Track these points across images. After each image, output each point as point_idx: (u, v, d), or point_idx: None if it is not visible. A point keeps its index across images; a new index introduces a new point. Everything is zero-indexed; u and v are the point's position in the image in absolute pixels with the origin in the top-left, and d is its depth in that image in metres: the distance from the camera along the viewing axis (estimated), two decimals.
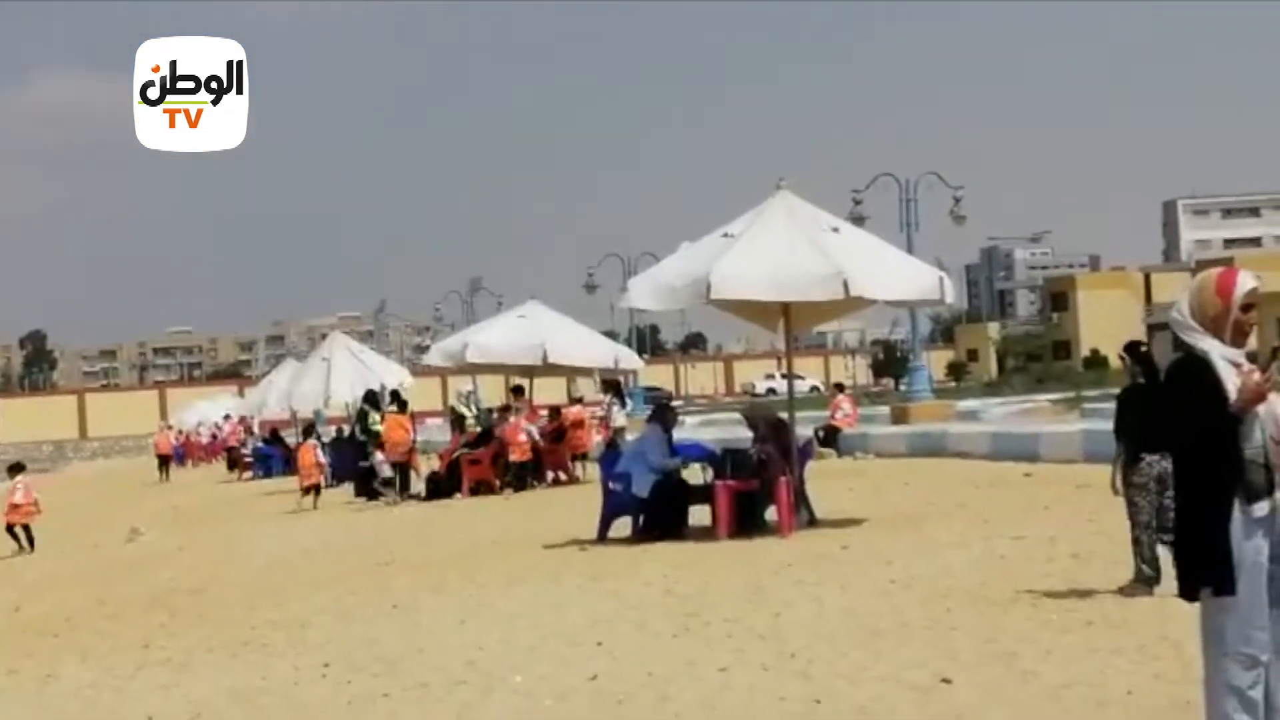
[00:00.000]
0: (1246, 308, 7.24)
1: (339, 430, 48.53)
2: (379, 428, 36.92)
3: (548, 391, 41.83)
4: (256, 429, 62.97)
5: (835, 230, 21.92)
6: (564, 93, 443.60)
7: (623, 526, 21.57)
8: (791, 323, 23.21)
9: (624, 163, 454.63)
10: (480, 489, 33.17)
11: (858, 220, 47.01)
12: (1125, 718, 9.25)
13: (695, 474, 22.39)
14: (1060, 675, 10.57)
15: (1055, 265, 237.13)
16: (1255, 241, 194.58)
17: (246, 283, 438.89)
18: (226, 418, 74.29)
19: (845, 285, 20.34)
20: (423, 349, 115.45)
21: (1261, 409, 7.12)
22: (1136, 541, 13.81)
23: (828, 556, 17.90)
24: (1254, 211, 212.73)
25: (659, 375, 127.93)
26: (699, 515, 21.43)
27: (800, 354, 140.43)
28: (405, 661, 13.17)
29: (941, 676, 10.77)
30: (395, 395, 38.70)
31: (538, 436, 34.12)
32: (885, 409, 50.42)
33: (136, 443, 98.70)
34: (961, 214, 58.59)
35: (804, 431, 27.71)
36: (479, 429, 37.16)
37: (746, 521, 20.71)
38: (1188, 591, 7.22)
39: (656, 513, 21.30)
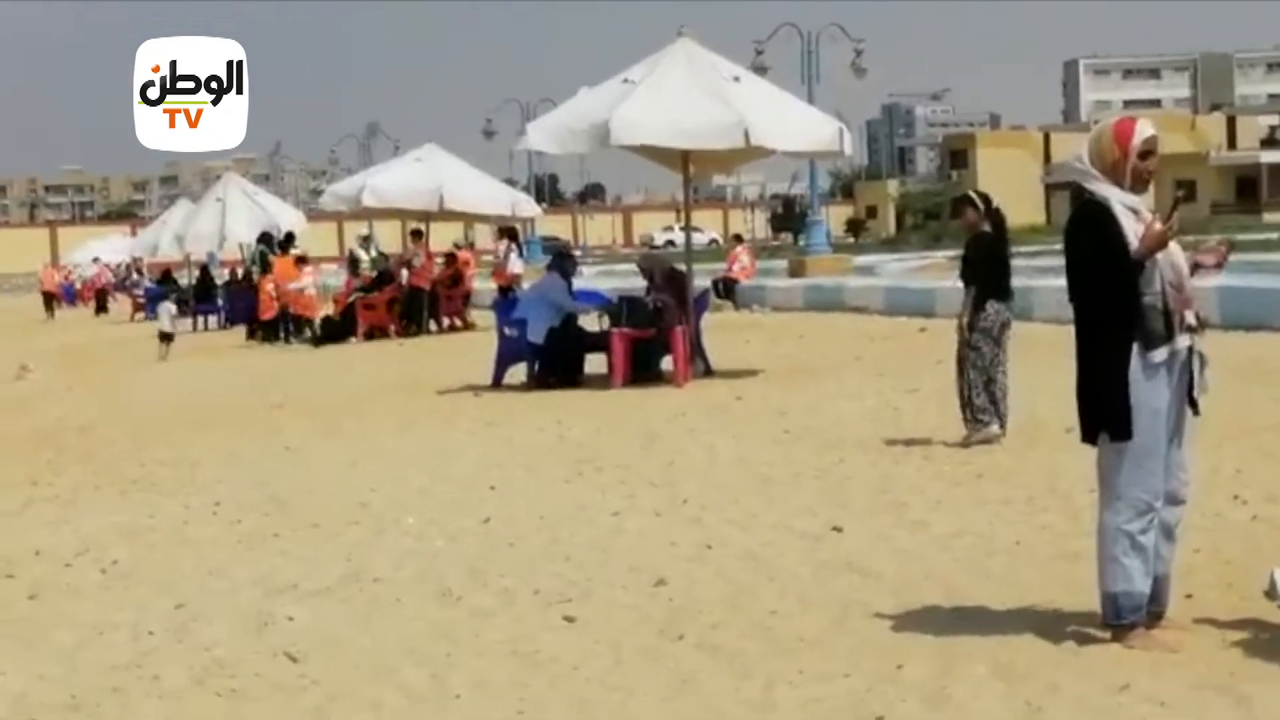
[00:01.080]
0: (1145, 155, 7.25)
1: (233, 272, 48.16)
2: None
3: (447, 236, 41.53)
4: (145, 270, 62.42)
5: (736, 79, 21.81)
6: None
7: (517, 373, 21.53)
8: (691, 171, 23.13)
9: (522, 8, 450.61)
10: (375, 334, 33.09)
11: (759, 70, 46.63)
12: (1012, 566, 9.31)
13: (591, 322, 22.36)
14: (949, 525, 10.63)
15: (955, 124, 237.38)
16: (1155, 103, 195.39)
17: None
18: (95, 260, 73.65)
19: (746, 134, 20.28)
20: (318, 193, 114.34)
21: (1161, 255, 7.14)
22: (972, 386, 14.10)
23: (722, 406, 17.94)
24: (1154, 73, 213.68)
25: (557, 225, 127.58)
26: (594, 363, 21.42)
27: (699, 206, 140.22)
28: (296, 502, 13.10)
29: (832, 525, 10.81)
30: (289, 238, 38.33)
31: (313, 289, 34.19)
32: (783, 263, 50.41)
33: (26, 280, 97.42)
34: (863, 67, 58.36)
35: (701, 283, 27.72)
36: (375, 273, 36.99)
37: (642, 370, 20.73)
38: (1087, 435, 7.30)
39: (551, 360, 21.27)
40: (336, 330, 33.38)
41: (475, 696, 7.68)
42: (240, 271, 45.21)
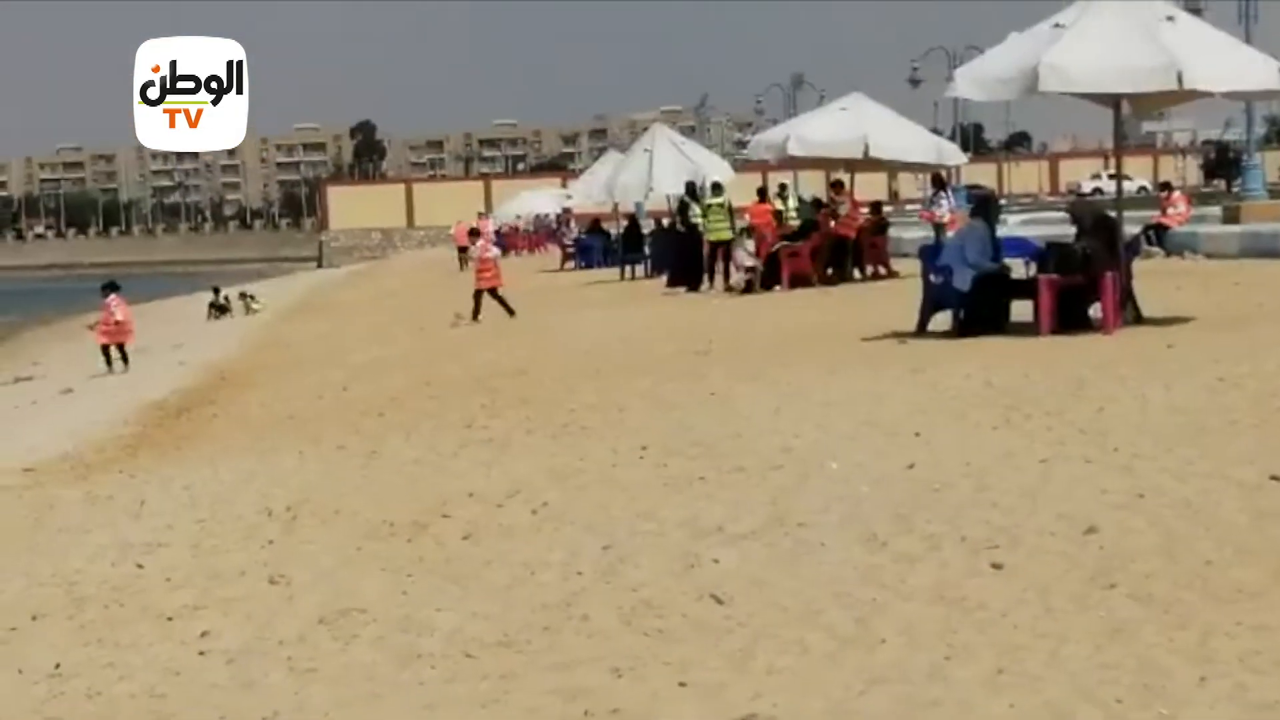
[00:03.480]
0: None
1: (658, 222, 48.77)
2: (698, 220, 37.12)
3: (869, 187, 41.16)
4: (573, 222, 63.96)
5: (1170, 19, 21.14)
6: None
7: (942, 321, 21.30)
8: (1125, 110, 22.54)
9: None
10: (799, 282, 33.13)
11: (1193, 11, 45.37)
12: None
13: (1018, 269, 21.99)
14: None
15: None
16: None
17: (567, 77, 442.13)
18: (481, 215, 76.89)
19: (1179, 76, 19.66)
20: (743, 144, 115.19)
21: None
22: None
23: (1152, 354, 17.47)
24: None
25: (982, 174, 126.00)
26: (1021, 311, 21.07)
27: (1128, 153, 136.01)
28: (721, 446, 13.18)
29: (1271, 474, 10.43)
30: (716, 187, 38.53)
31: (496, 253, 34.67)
32: (1216, 210, 48.95)
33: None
34: None
35: (1131, 230, 27.04)
36: (799, 222, 37.00)
37: (1069, 318, 20.29)
38: None
39: (977, 307, 20.97)
40: (760, 279, 33.55)
41: (901, 641, 7.64)
42: (666, 221, 45.76)
